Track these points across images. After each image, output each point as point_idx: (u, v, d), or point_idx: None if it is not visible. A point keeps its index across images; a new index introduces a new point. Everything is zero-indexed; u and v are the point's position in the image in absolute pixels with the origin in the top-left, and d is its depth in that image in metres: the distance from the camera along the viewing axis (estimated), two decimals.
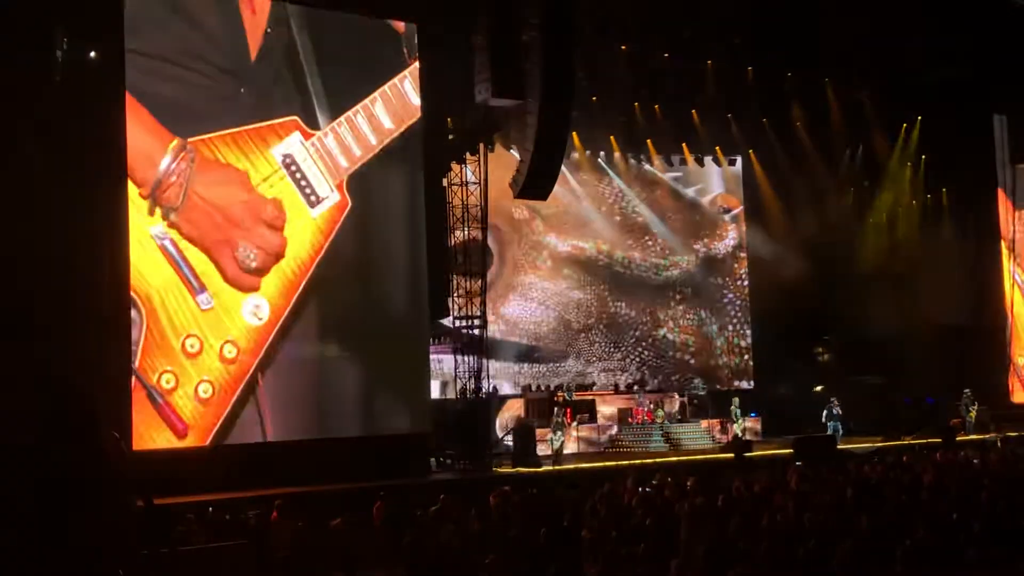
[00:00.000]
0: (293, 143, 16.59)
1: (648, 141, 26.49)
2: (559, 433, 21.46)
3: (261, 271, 16.60)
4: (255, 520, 12.39)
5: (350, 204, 17.04)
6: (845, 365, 27.17)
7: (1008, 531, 8.91)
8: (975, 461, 16.23)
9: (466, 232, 20.81)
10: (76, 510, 13.10)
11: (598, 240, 26.73)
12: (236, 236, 16.23)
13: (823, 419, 23.81)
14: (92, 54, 15.97)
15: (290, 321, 16.65)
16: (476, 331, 20.67)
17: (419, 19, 19.32)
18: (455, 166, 21.06)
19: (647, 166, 27.21)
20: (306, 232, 16.94)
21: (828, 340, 28.09)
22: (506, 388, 24.67)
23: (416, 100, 18.74)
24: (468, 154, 21.07)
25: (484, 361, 20.58)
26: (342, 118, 17.02)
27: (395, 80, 18.38)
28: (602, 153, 26.55)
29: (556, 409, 22.18)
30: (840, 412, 23.94)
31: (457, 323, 20.83)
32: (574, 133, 23.96)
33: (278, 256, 16.67)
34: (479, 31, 18.78)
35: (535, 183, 19.63)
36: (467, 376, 20.41)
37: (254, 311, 16.27)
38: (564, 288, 26.17)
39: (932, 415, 24.62)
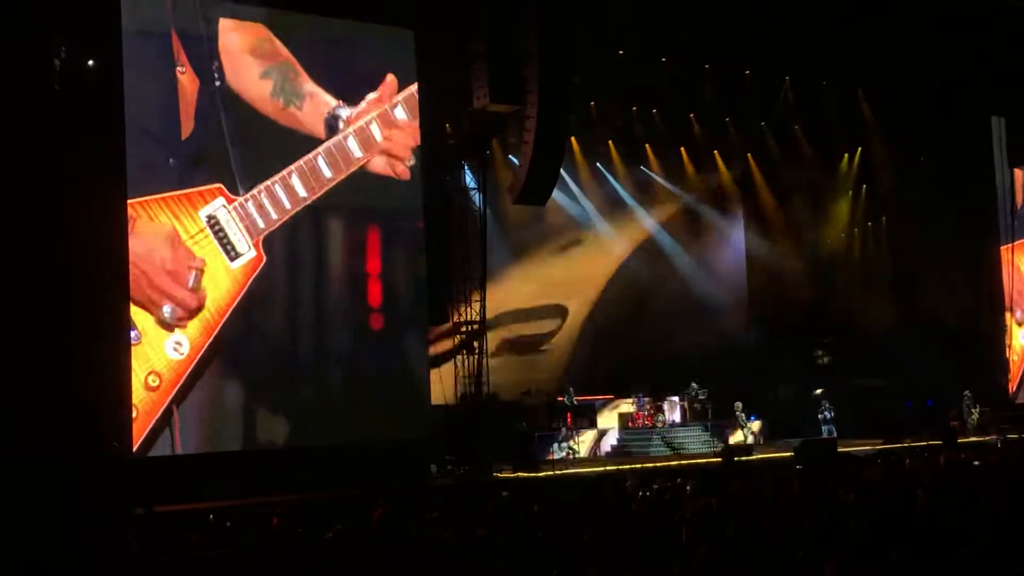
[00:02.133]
0: (217, 206, 17.64)
1: (647, 146, 26.50)
2: (565, 444, 21.52)
3: (182, 323, 17.33)
4: (255, 527, 12.39)
5: (265, 259, 18.03)
6: (845, 368, 27.15)
7: (1008, 533, 8.89)
8: (976, 463, 16.22)
9: (465, 237, 20.81)
10: (76, 516, 13.13)
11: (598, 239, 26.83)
12: (159, 298, 17.04)
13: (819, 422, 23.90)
14: (90, 62, 16.05)
15: (209, 355, 17.37)
16: (476, 335, 20.69)
17: (416, 25, 19.37)
18: (455, 172, 21.09)
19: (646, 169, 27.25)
20: (225, 282, 17.69)
21: (828, 343, 28.08)
22: (507, 392, 24.62)
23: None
24: (468, 160, 21.11)
25: (484, 365, 20.58)
26: (261, 186, 18.02)
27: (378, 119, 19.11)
28: (600, 158, 26.52)
29: (555, 413, 22.18)
30: (831, 416, 23.95)
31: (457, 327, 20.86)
32: (572, 139, 23.96)
33: (199, 310, 17.42)
34: (477, 37, 18.82)
35: (533, 189, 19.65)
36: (467, 381, 20.41)
37: (175, 347, 17.11)
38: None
39: (932, 417, 24.61)
